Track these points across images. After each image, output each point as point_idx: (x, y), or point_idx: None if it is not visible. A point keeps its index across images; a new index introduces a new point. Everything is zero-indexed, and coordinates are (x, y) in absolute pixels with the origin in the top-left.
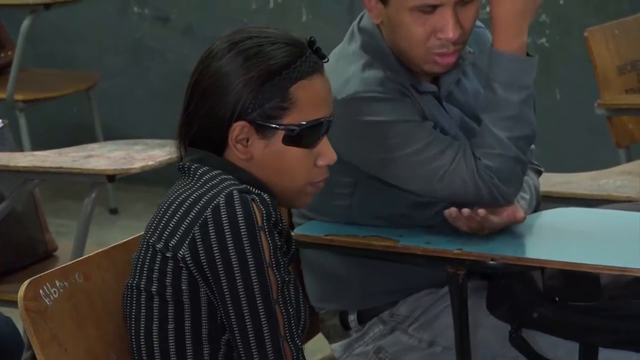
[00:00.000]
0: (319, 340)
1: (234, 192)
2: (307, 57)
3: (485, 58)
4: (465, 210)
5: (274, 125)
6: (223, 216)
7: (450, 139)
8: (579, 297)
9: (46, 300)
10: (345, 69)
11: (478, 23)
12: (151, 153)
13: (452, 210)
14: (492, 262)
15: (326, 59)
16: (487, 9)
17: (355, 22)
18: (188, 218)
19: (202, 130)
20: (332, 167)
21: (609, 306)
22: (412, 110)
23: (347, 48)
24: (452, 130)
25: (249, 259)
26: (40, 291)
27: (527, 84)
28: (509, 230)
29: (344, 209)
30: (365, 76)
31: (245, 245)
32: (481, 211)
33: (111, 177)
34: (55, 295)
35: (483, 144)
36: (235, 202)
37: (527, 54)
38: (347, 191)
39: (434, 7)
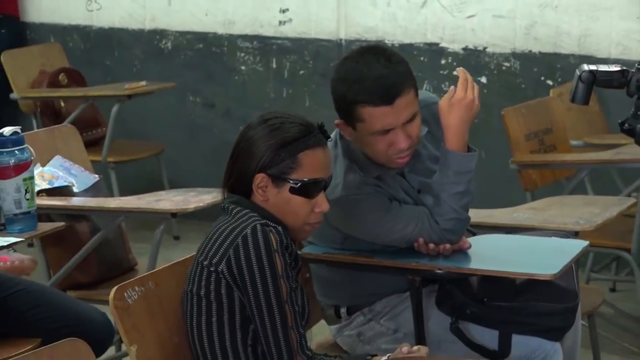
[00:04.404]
0: (320, 326)
1: (257, 225)
2: (315, 135)
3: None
4: (432, 246)
5: (284, 178)
6: (249, 242)
7: (410, 211)
8: (501, 298)
9: (129, 301)
10: (334, 173)
11: (433, 99)
12: (201, 197)
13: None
14: (439, 271)
15: (330, 139)
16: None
17: (337, 129)
18: (225, 243)
19: (237, 179)
20: (329, 226)
21: (522, 306)
22: (383, 199)
23: (334, 151)
24: (413, 196)
25: (267, 272)
26: (125, 294)
27: (471, 169)
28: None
29: (337, 250)
30: (347, 181)
31: (265, 262)
32: (442, 247)
33: (174, 214)
34: (135, 297)
35: (441, 213)
36: (258, 233)
37: (469, 147)
38: (339, 240)
39: (388, 129)
